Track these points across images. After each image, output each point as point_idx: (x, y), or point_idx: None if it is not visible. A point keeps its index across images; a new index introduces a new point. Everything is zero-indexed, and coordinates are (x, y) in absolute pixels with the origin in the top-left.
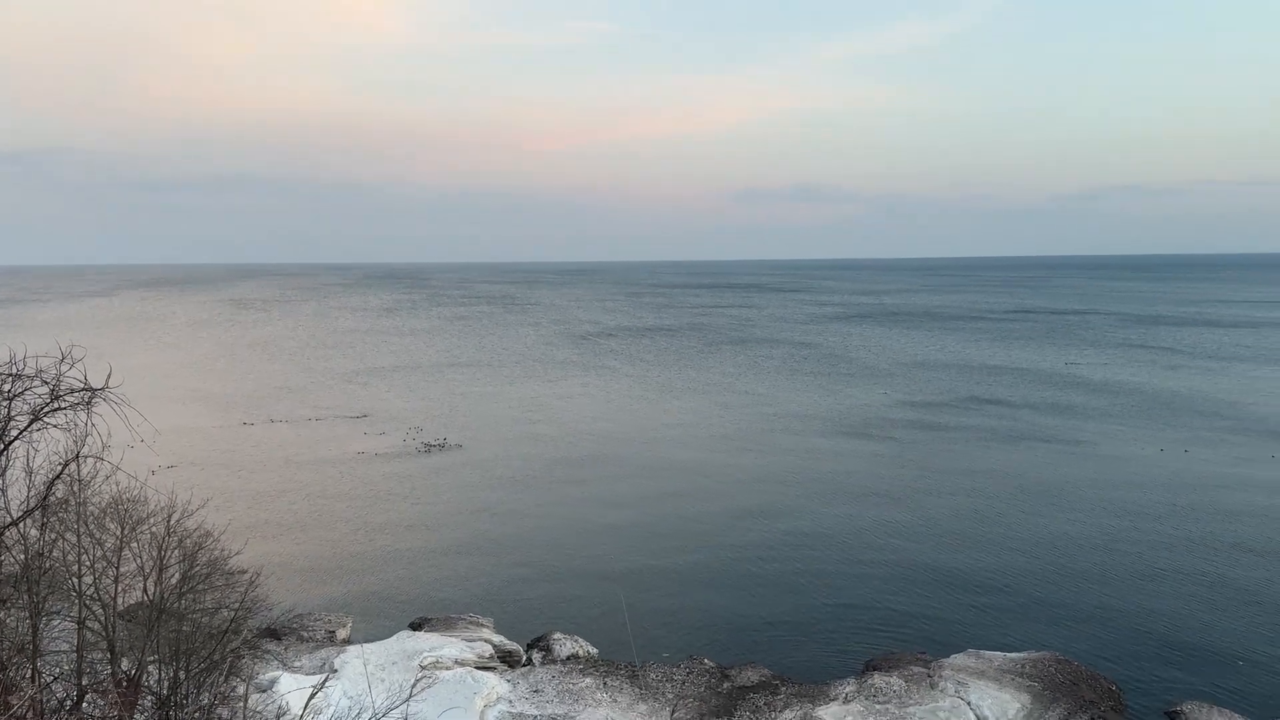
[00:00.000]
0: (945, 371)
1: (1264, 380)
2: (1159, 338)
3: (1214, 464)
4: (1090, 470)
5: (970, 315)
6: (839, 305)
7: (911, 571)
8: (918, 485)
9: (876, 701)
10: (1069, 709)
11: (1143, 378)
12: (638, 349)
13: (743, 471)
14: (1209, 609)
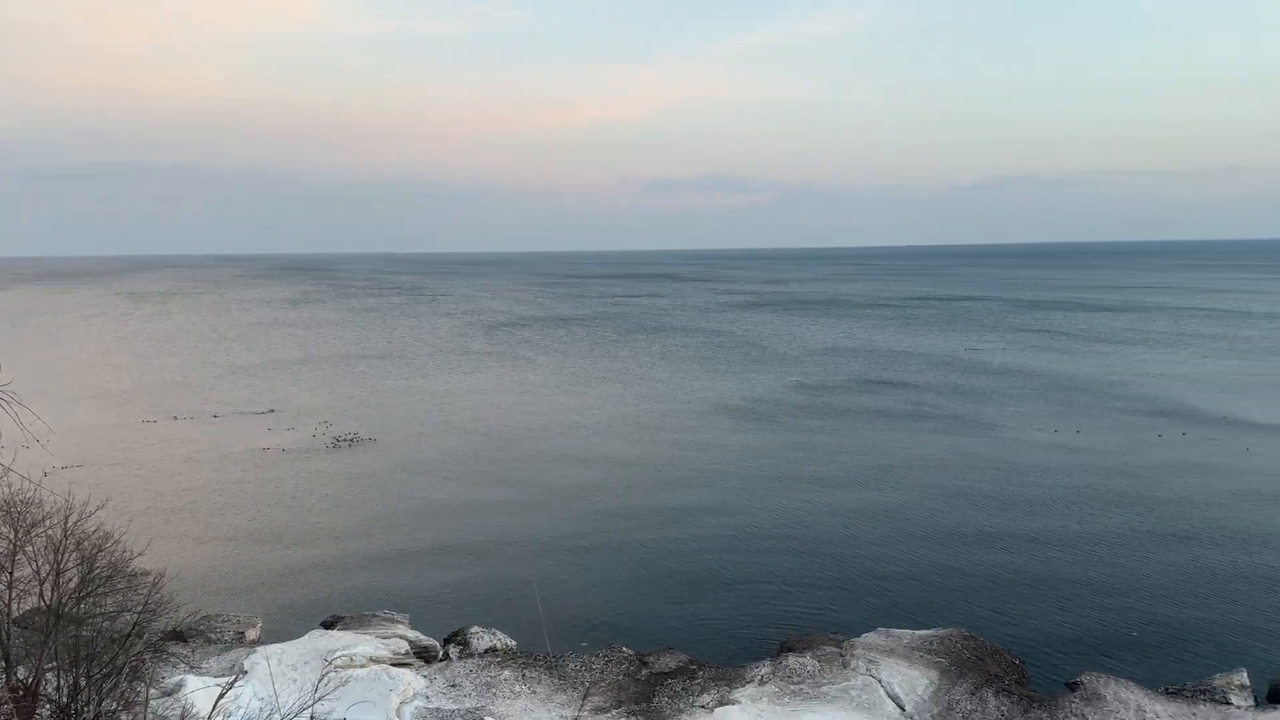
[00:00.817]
0: (852, 357)
1: (1150, 362)
2: (1054, 322)
3: (1105, 444)
4: (991, 452)
5: (875, 303)
6: (749, 294)
7: (823, 553)
8: (827, 469)
9: (791, 682)
10: (975, 683)
11: (1039, 361)
12: (553, 339)
13: (657, 460)
14: (1104, 584)
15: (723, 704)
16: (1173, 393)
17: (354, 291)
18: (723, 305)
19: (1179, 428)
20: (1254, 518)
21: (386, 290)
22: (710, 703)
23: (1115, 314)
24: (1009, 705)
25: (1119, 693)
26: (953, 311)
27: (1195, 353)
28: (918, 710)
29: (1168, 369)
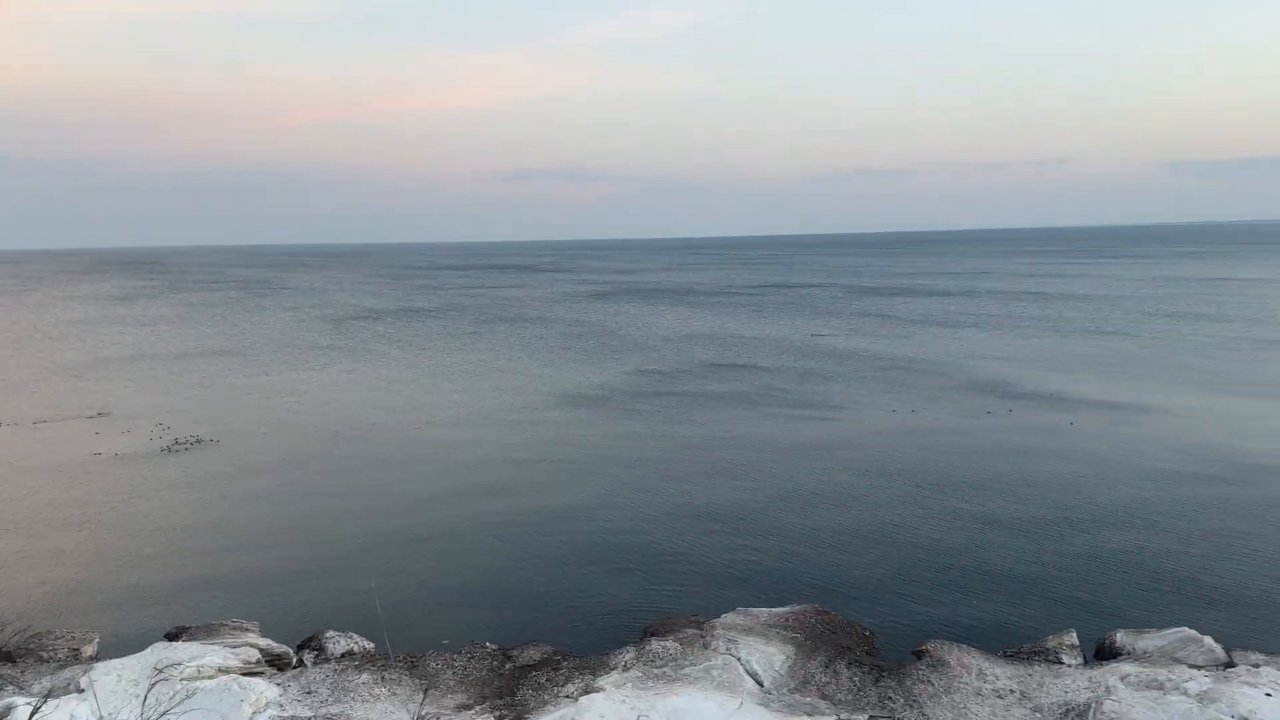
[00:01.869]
0: (706, 344)
1: (981, 343)
2: (893, 307)
3: (939, 422)
4: (835, 432)
5: (727, 291)
6: (606, 284)
7: (681, 537)
8: (681, 454)
9: (654, 666)
10: (829, 656)
11: (879, 345)
12: (406, 332)
13: (516, 453)
14: (944, 555)
15: (587, 692)
16: (1001, 372)
17: (191, 286)
18: (580, 295)
19: (1007, 405)
20: (1077, 488)
21: (227, 284)
22: (575, 692)
23: (949, 298)
24: (860, 675)
25: (962, 658)
26: (799, 299)
27: (1022, 333)
28: (775, 685)
29: (997, 349)
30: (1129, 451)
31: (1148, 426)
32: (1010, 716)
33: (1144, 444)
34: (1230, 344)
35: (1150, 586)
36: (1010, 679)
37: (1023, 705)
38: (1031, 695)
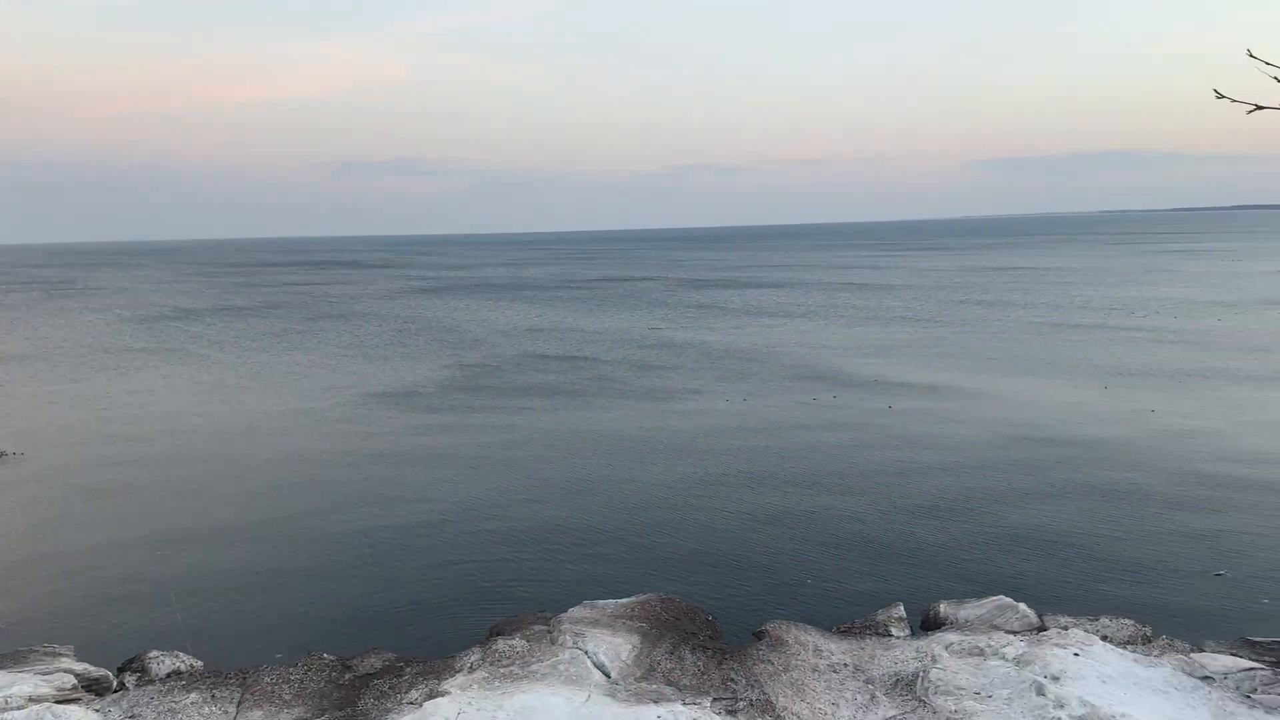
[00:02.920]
0: (545, 338)
1: (809, 332)
2: (727, 299)
3: (769, 409)
4: (673, 422)
5: (565, 285)
6: (441, 280)
7: (524, 533)
8: (522, 449)
9: (500, 665)
10: (674, 642)
11: (713, 336)
12: (228, 333)
13: (347, 455)
14: (778, 536)
15: (432, 697)
16: (827, 359)
17: None
18: (413, 291)
19: (832, 391)
20: (897, 468)
21: (27, 285)
22: (419, 698)
23: (779, 290)
24: (704, 659)
25: (799, 636)
26: (637, 292)
27: (846, 323)
28: (622, 675)
29: (822, 338)
30: (943, 432)
31: (960, 407)
32: (845, 689)
33: (957, 424)
34: (1034, 328)
35: (969, 558)
36: (844, 653)
37: (856, 678)
38: (864, 668)
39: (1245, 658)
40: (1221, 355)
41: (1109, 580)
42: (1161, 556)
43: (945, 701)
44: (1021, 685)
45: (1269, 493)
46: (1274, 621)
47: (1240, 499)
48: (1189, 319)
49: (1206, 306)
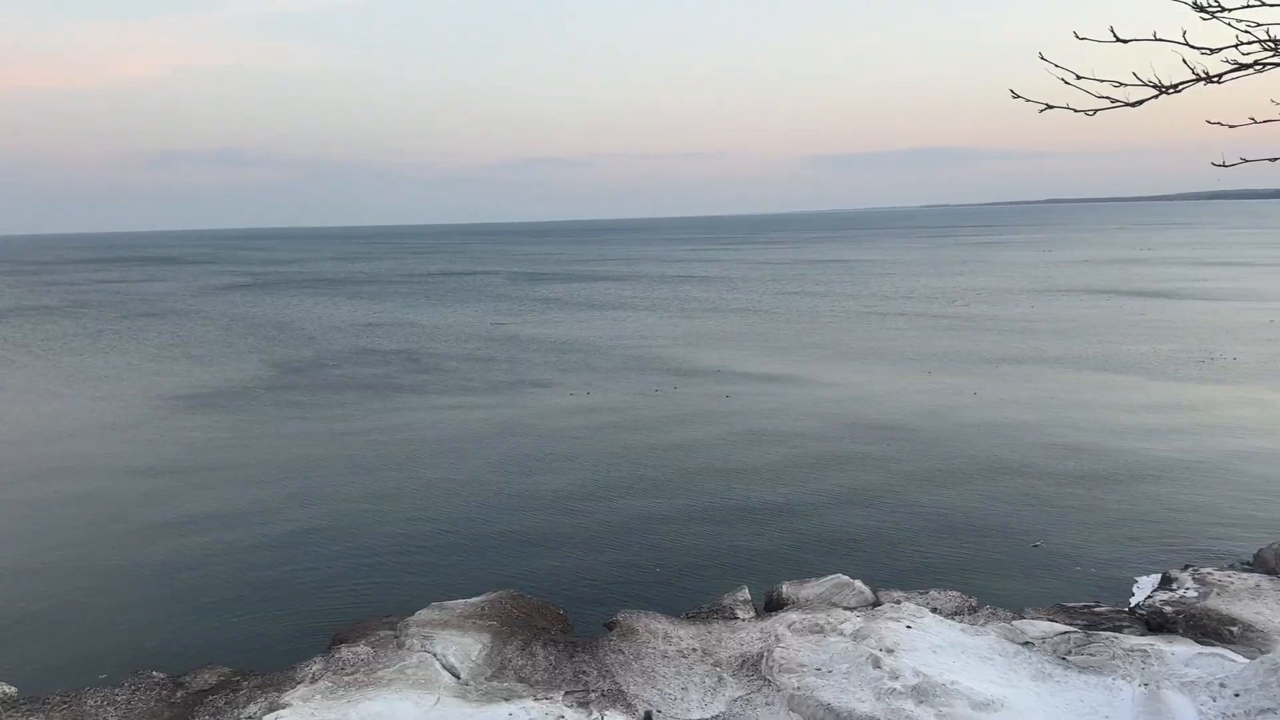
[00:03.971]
0: (384, 334)
1: (653, 324)
2: (572, 293)
3: (614, 402)
4: (519, 417)
5: (404, 279)
6: (271, 275)
7: (366, 537)
8: (362, 447)
9: (345, 673)
10: (525, 639)
11: (558, 329)
12: (35, 335)
13: (170, 461)
14: (627, 528)
15: (272, 710)
16: (669, 350)
17: None
18: (240, 287)
19: (674, 382)
20: (737, 456)
21: None
22: (258, 712)
23: (623, 283)
24: (556, 654)
25: (649, 624)
26: (480, 286)
27: (688, 314)
28: (473, 675)
29: (664, 330)
30: (780, 419)
31: (795, 395)
32: (694, 673)
33: (792, 411)
34: (863, 317)
35: (808, 539)
36: (693, 638)
37: (704, 661)
38: (712, 651)
39: (1060, 622)
40: (1032, 341)
41: (937, 555)
42: (984, 531)
43: (789, 679)
44: (859, 659)
45: (1079, 467)
46: (1085, 587)
47: (1053, 474)
48: (1003, 307)
49: (1018, 295)
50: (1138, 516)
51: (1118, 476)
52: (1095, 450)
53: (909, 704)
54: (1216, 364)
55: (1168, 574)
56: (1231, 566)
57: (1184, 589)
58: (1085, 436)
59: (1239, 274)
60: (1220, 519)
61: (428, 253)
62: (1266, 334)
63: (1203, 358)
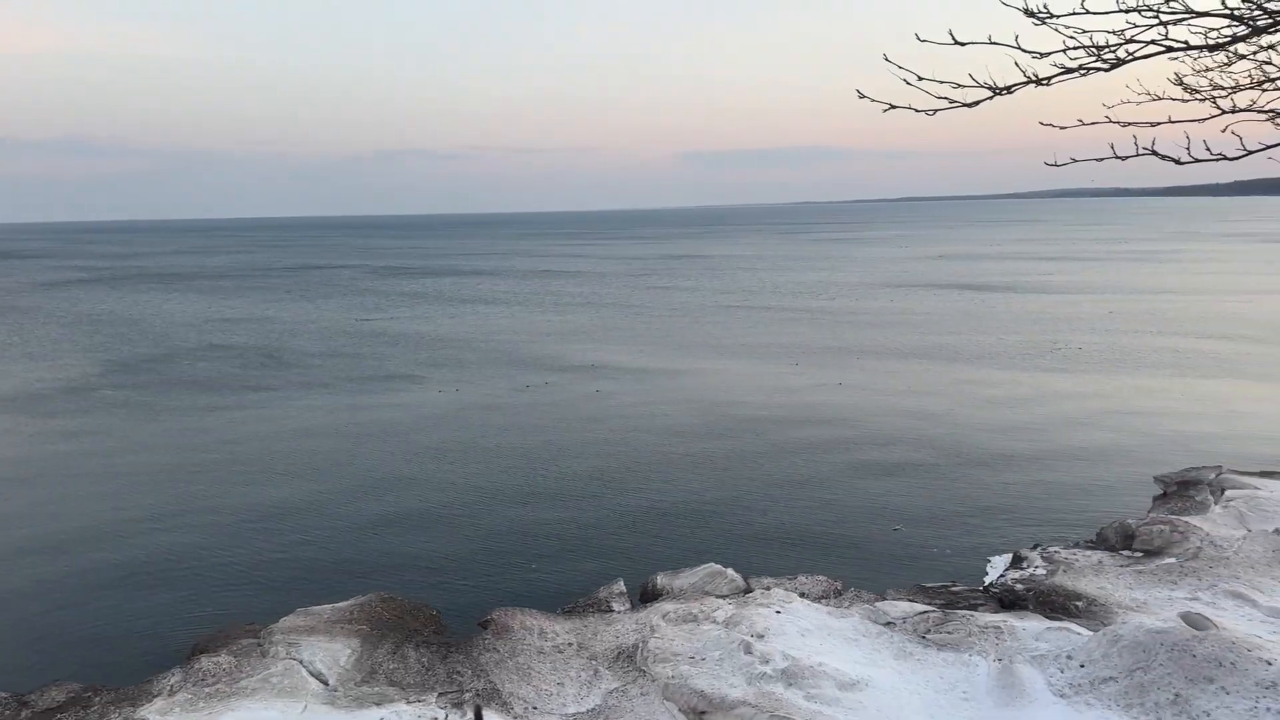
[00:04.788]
0: (239, 330)
1: (523, 320)
2: (441, 288)
3: (483, 398)
4: (384, 415)
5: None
6: (120, 269)
7: (225, 543)
8: (216, 448)
9: (205, 685)
10: (396, 642)
11: (426, 326)
12: None
13: (9, 470)
14: (498, 526)
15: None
16: (541, 346)
17: None
18: (87, 281)
19: (545, 377)
20: (608, 451)
21: None
22: None
23: (494, 277)
24: (429, 655)
25: (524, 621)
26: (342, 280)
27: (559, 309)
28: (341, 681)
29: (537, 325)
30: (650, 412)
31: (665, 388)
32: (570, 667)
33: (663, 404)
34: (732, 311)
35: (681, 530)
36: (569, 633)
37: (580, 655)
38: (588, 645)
39: (920, 602)
40: (892, 333)
41: (805, 541)
42: (849, 517)
43: (663, 668)
44: (731, 646)
45: (936, 454)
46: (943, 569)
47: (912, 461)
48: (865, 301)
49: (878, 289)
50: (991, 499)
51: (971, 462)
52: (950, 437)
53: (779, 687)
54: (1061, 354)
55: (1018, 553)
56: (1076, 545)
57: (1033, 567)
58: (941, 424)
59: (1078, 268)
60: (1066, 500)
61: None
62: (1106, 325)
63: (1049, 348)
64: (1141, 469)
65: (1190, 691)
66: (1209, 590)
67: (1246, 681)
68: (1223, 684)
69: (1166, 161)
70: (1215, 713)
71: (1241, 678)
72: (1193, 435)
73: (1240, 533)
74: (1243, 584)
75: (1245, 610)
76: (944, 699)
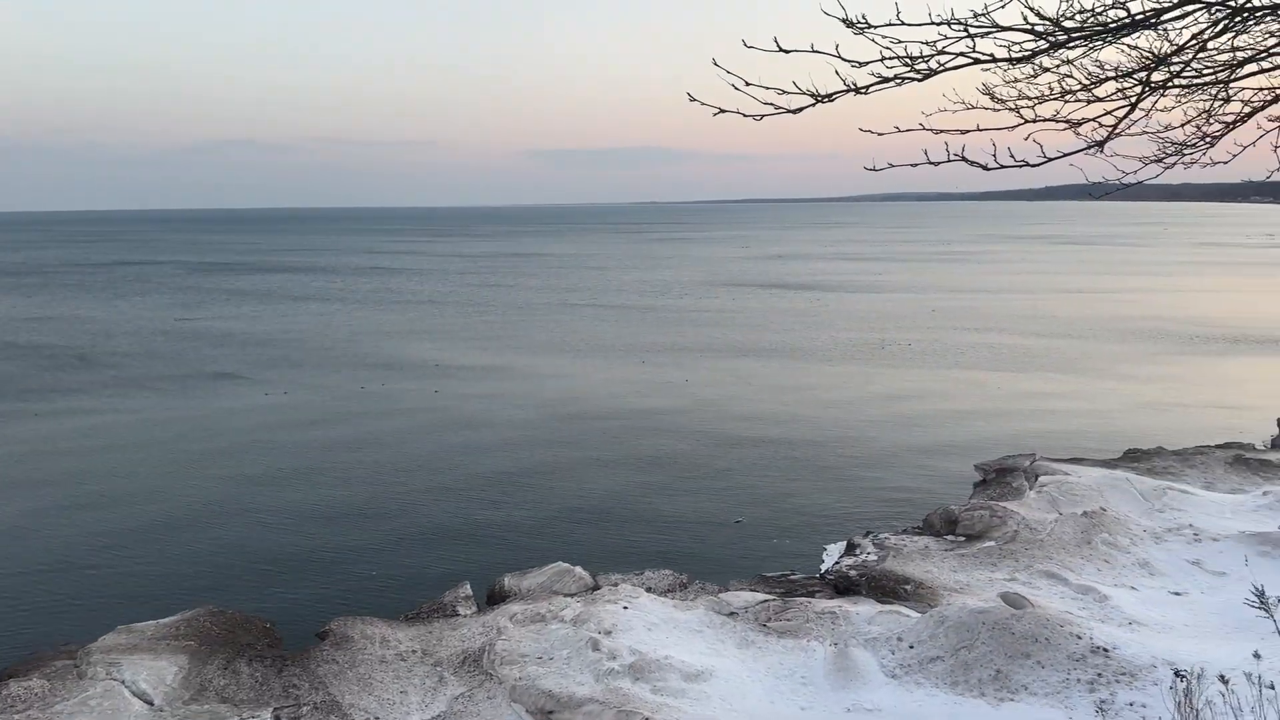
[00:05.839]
0: (46, 330)
1: (360, 319)
2: (272, 285)
3: (316, 401)
4: (210, 421)
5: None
6: None
7: (35, 561)
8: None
9: (15, 712)
10: (228, 657)
11: (254, 325)
12: None
13: None
14: (337, 532)
15: None
16: (379, 346)
17: None
18: None
19: (383, 378)
20: (451, 450)
21: None
22: None
23: (329, 275)
24: (264, 669)
25: (365, 629)
26: (161, 277)
27: (398, 308)
28: (168, 701)
29: (374, 324)
30: (494, 412)
31: (509, 388)
32: (413, 675)
33: (506, 404)
34: (577, 310)
35: (529, 530)
36: (412, 640)
37: (424, 662)
38: (432, 651)
39: (761, 592)
40: (734, 332)
41: (651, 536)
42: (693, 510)
43: (510, 670)
44: (579, 643)
45: (775, 447)
46: (782, 558)
47: (753, 454)
48: (707, 300)
49: (720, 288)
50: (826, 490)
51: (808, 455)
52: (788, 432)
53: (626, 682)
54: (890, 350)
55: (852, 541)
56: (905, 531)
57: (866, 554)
58: (780, 420)
59: (903, 268)
60: (896, 488)
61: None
62: (929, 322)
63: (878, 345)
64: (963, 458)
65: (1010, 667)
66: (1025, 571)
67: (1059, 655)
68: (1038, 659)
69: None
70: (1032, 685)
71: (1055, 652)
72: (1009, 425)
73: (1052, 516)
74: (1055, 564)
75: (1058, 588)
76: (784, 684)
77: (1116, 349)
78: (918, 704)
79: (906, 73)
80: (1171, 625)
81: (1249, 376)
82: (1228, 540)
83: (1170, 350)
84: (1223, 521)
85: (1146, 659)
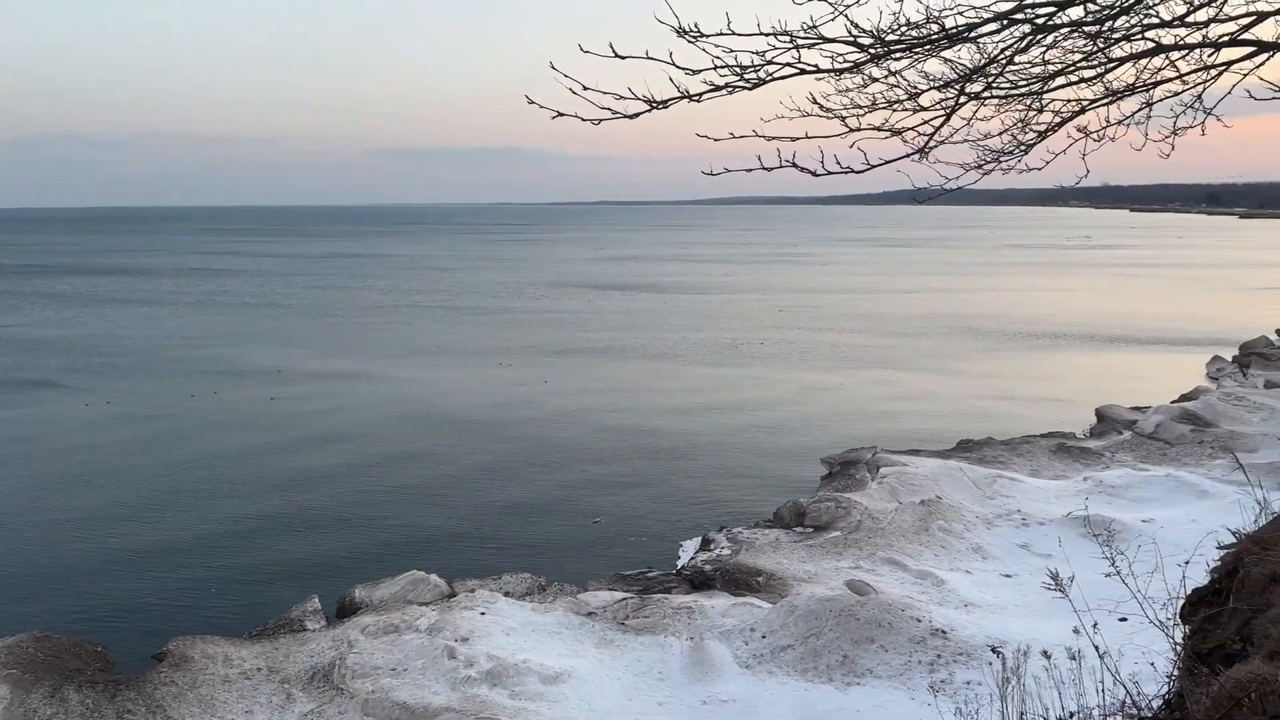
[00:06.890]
0: None
1: (191, 323)
2: (94, 288)
3: (140, 411)
4: (21, 434)
5: None
6: None
7: None
8: None
9: None
10: (55, 684)
11: (76, 331)
12: None
13: None
14: (174, 551)
15: None
16: (212, 351)
17: None
18: None
19: (215, 385)
20: (293, 460)
21: None
22: None
23: (158, 277)
24: (95, 695)
25: (206, 649)
26: None
27: (235, 311)
28: None
29: (207, 329)
30: (341, 419)
31: (358, 393)
32: (259, 693)
33: (355, 410)
34: (429, 312)
35: (380, 540)
36: (258, 657)
37: (271, 680)
38: (279, 668)
39: (619, 590)
40: (590, 333)
41: (508, 540)
42: (550, 513)
43: (363, 684)
44: (435, 652)
45: (631, 446)
46: (640, 556)
47: (609, 454)
48: (563, 301)
49: (574, 290)
50: (681, 487)
51: (663, 452)
52: (644, 430)
53: (484, 689)
54: (741, 349)
55: (706, 536)
56: (757, 524)
57: (720, 548)
58: (635, 418)
59: (750, 269)
60: (748, 483)
61: None
62: (777, 321)
63: (729, 344)
64: (811, 452)
65: (856, 652)
66: (869, 558)
67: (901, 639)
68: (882, 643)
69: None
70: (877, 669)
71: (897, 635)
72: (853, 419)
73: (893, 505)
74: (896, 551)
75: (899, 574)
76: (642, 681)
77: (948, 345)
78: (770, 692)
79: (737, 82)
80: (1003, 606)
81: (1070, 370)
82: (1052, 524)
83: (997, 346)
84: (1048, 506)
85: (981, 639)
